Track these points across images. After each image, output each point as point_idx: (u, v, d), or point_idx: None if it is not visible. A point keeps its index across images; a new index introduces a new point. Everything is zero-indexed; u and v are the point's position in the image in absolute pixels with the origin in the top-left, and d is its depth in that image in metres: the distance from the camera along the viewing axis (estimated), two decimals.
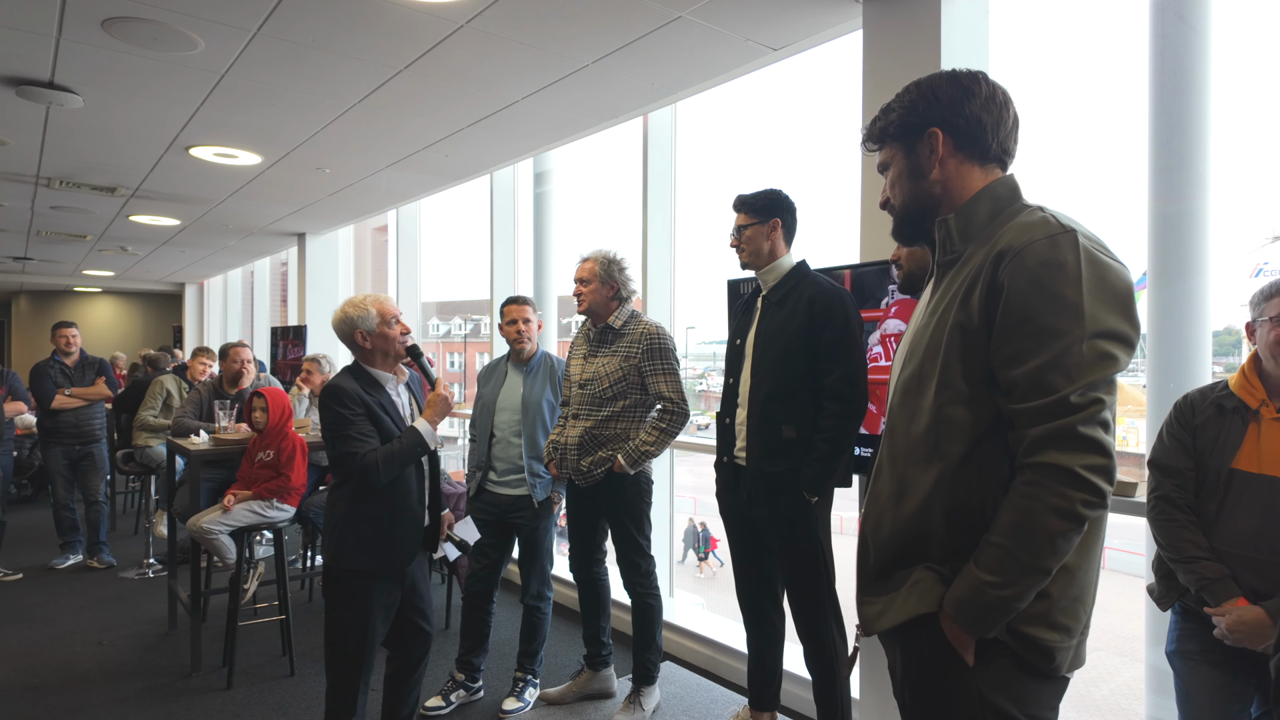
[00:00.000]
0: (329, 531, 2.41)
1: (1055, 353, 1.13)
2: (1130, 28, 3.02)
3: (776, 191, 2.56)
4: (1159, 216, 2.47)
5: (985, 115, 1.30)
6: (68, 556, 5.29)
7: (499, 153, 4.68)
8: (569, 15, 2.81)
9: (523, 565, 3.21)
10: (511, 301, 3.23)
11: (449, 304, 22.02)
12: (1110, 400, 1.15)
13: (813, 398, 2.40)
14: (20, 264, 10.06)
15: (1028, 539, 1.13)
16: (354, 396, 2.36)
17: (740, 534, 2.65)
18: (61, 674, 3.52)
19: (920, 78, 1.37)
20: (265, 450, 3.68)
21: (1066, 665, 1.22)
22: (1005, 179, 1.31)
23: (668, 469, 4.16)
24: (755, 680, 2.74)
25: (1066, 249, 1.15)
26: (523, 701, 3.13)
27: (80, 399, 5.16)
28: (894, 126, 1.36)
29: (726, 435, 2.59)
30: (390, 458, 2.35)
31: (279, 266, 11.03)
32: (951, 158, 1.31)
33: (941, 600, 1.22)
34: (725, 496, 2.65)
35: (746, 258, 2.55)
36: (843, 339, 2.37)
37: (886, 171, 1.41)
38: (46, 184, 5.39)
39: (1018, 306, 1.16)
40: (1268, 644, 1.71)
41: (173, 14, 2.79)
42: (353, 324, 2.43)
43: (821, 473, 2.35)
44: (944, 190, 1.32)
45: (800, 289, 2.46)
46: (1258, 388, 1.81)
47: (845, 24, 2.88)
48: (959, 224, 1.29)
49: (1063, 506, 1.12)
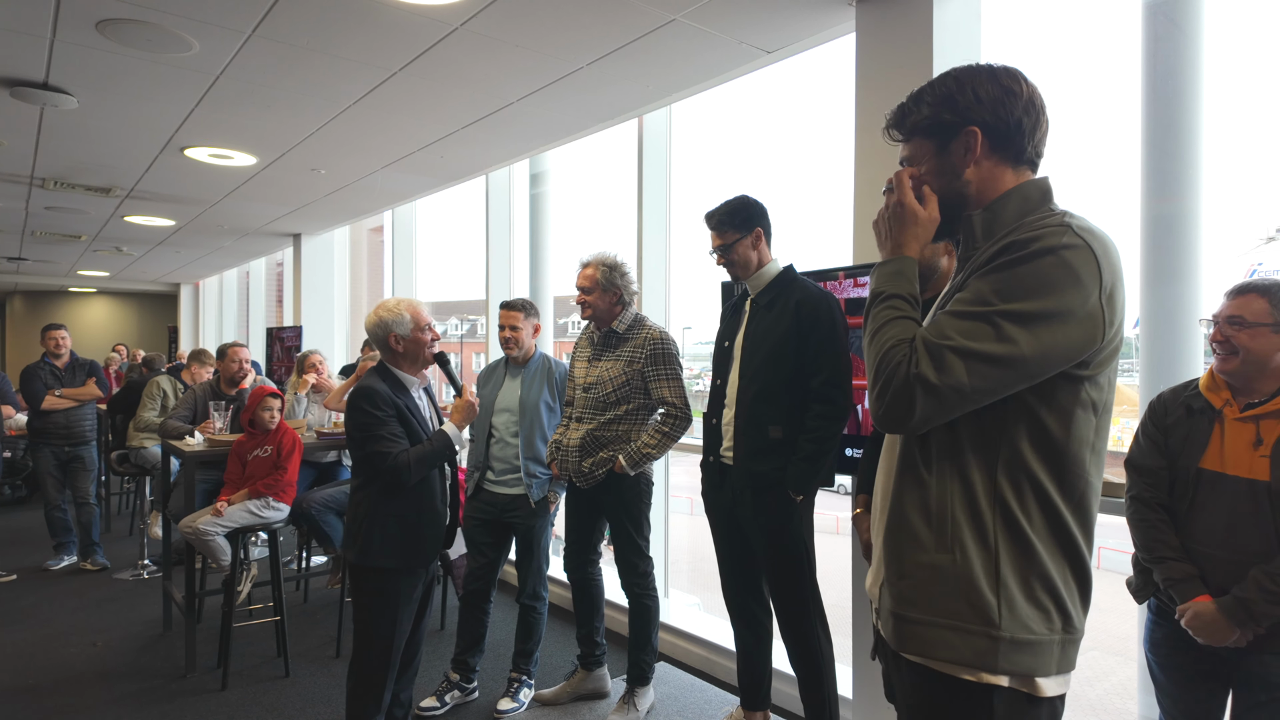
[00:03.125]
0: (354, 531, 2.47)
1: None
2: (1122, 31, 3.03)
3: (747, 199, 2.58)
4: (1151, 218, 2.49)
5: (1025, 118, 1.24)
6: (62, 558, 5.27)
7: (495, 154, 4.68)
8: (564, 18, 2.82)
9: (519, 564, 3.22)
10: (504, 306, 3.24)
11: (445, 304, 22.00)
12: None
13: (799, 399, 2.44)
14: (14, 264, 10.04)
15: None
16: (386, 398, 2.45)
17: (725, 532, 2.68)
18: (56, 675, 3.52)
19: (956, 69, 1.29)
20: (262, 448, 3.68)
21: (1054, 664, 1.19)
22: (1038, 181, 1.27)
23: (663, 470, 4.16)
24: (745, 680, 2.76)
25: (1057, 238, 1.14)
26: (517, 702, 3.14)
27: (70, 400, 5.15)
28: (927, 121, 1.28)
29: (713, 435, 2.64)
30: (422, 459, 2.45)
31: (274, 267, 11.02)
32: (987, 159, 1.26)
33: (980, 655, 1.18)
34: (711, 495, 2.69)
35: (738, 271, 2.59)
36: (829, 342, 2.42)
37: (909, 165, 1.33)
38: (41, 184, 5.38)
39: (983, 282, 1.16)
40: (1234, 639, 1.74)
41: (167, 16, 2.79)
42: (387, 327, 2.51)
43: (807, 472, 2.40)
44: (976, 191, 1.27)
45: (788, 293, 2.50)
46: (1222, 388, 1.85)
47: (838, 27, 2.89)
48: (984, 220, 1.26)
49: None
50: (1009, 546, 1.18)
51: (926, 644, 1.21)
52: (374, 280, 13.58)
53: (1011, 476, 1.19)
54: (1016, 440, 1.18)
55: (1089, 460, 1.20)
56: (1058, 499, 1.19)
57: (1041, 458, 1.18)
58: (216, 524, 3.46)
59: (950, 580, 1.20)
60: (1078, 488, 1.20)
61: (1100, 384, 1.20)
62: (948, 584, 1.20)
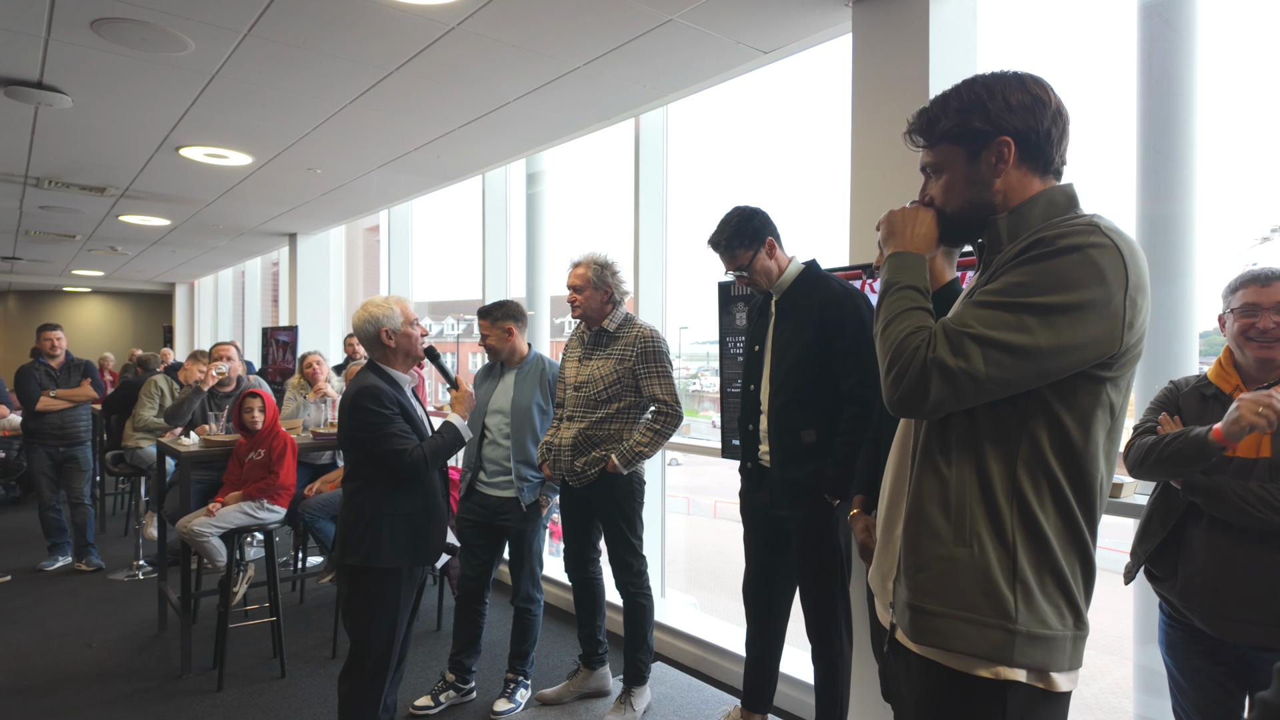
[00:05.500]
0: (355, 534, 2.41)
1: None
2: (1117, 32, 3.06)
3: (745, 211, 2.51)
4: (1147, 218, 2.49)
5: (1054, 128, 1.25)
6: (56, 558, 5.26)
7: (491, 154, 4.68)
8: (560, 18, 2.82)
9: (512, 568, 3.22)
10: (478, 313, 3.24)
11: (441, 304, 21.94)
12: None
13: (831, 401, 2.39)
14: (9, 264, 10.00)
15: None
16: (390, 397, 2.45)
17: (761, 534, 2.64)
18: (51, 676, 3.51)
19: (982, 75, 1.28)
20: (256, 450, 3.67)
21: (1066, 660, 1.21)
22: (1064, 187, 1.27)
23: (660, 470, 4.17)
24: (752, 680, 2.74)
25: (1078, 236, 1.14)
26: (514, 702, 3.14)
27: (65, 400, 5.14)
28: (956, 128, 1.27)
29: (750, 441, 2.59)
30: (436, 452, 2.48)
31: (270, 266, 10.98)
32: (1016, 169, 1.26)
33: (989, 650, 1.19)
34: (749, 497, 2.64)
35: (762, 284, 2.52)
36: (857, 343, 2.35)
37: (935, 172, 1.33)
38: (35, 184, 5.36)
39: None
40: (1249, 638, 1.74)
41: (162, 15, 2.79)
42: (378, 323, 2.48)
43: (842, 475, 2.34)
44: (1003, 200, 1.27)
45: (813, 293, 2.45)
46: (1232, 374, 1.88)
47: (835, 27, 2.89)
48: (1010, 223, 1.26)
49: None
50: (1025, 541, 1.19)
51: (943, 636, 1.22)
52: (370, 280, 13.56)
53: (1030, 473, 1.20)
54: (1037, 437, 1.19)
55: (1103, 461, 1.22)
56: (1071, 497, 1.20)
57: (1059, 456, 1.19)
58: (211, 525, 3.45)
59: (968, 573, 1.21)
60: (1091, 487, 1.21)
61: (1120, 387, 1.21)
62: (965, 577, 1.21)
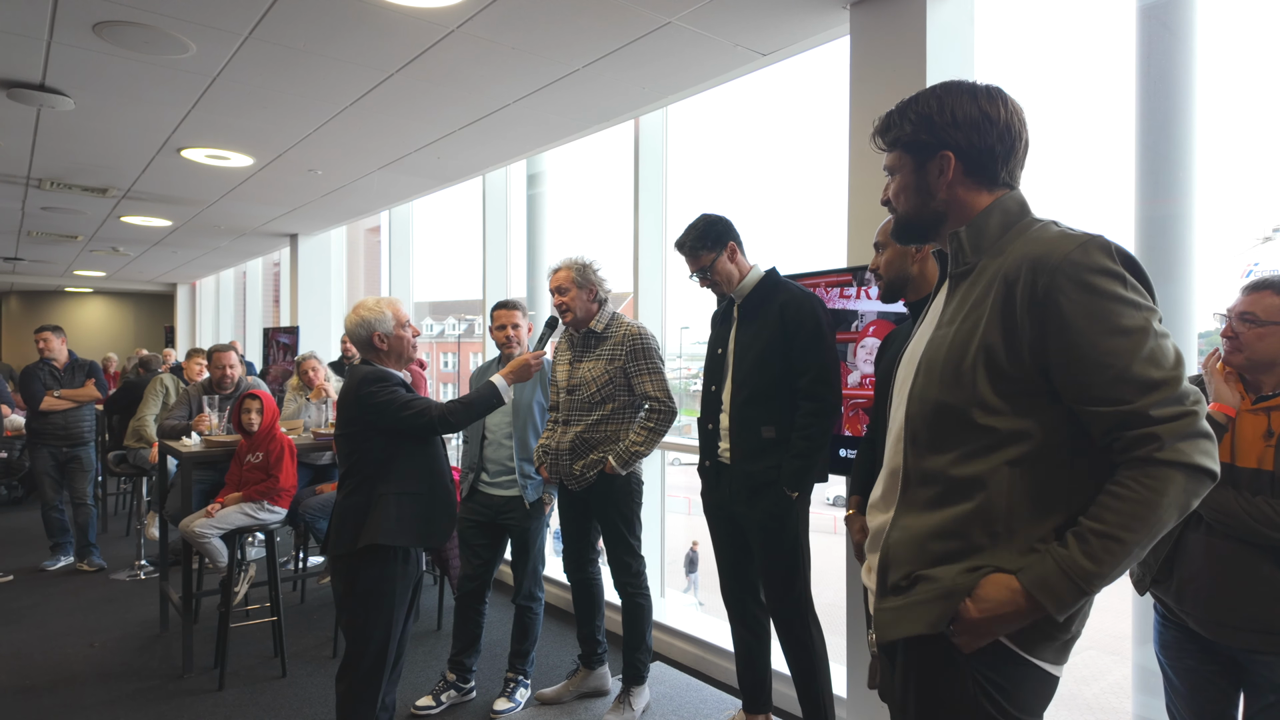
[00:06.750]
0: (356, 521, 2.39)
1: (1134, 346, 1.13)
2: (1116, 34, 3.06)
3: (710, 218, 2.63)
4: (1145, 219, 2.50)
5: (999, 145, 1.27)
6: (59, 558, 5.27)
7: (491, 155, 4.69)
8: (559, 21, 2.83)
9: (515, 566, 3.23)
10: (501, 306, 3.25)
11: (442, 304, 21.93)
12: None
13: (789, 399, 2.50)
14: (11, 264, 10.01)
15: (1146, 529, 1.10)
16: (395, 378, 2.48)
17: (724, 533, 2.71)
18: (53, 676, 3.52)
19: (941, 85, 1.32)
20: (254, 453, 3.68)
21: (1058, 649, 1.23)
22: (1014, 195, 1.30)
23: (658, 469, 4.18)
24: (747, 680, 2.77)
25: (1099, 253, 1.16)
26: (514, 702, 3.15)
27: (69, 401, 5.15)
28: (907, 137, 1.32)
29: (710, 439, 2.67)
30: (468, 405, 2.52)
31: (271, 267, 11.00)
32: (960, 183, 1.29)
33: (945, 616, 1.21)
34: (709, 496, 2.72)
35: (722, 287, 2.64)
36: (814, 340, 2.47)
37: (891, 174, 1.38)
38: (37, 185, 5.38)
39: (1076, 316, 1.14)
40: (1242, 643, 1.75)
41: (164, 18, 2.80)
42: (370, 326, 2.49)
43: (801, 469, 2.44)
44: (949, 209, 1.31)
45: (773, 296, 2.57)
46: (1235, 382, 1.86)
47: (833, 30, 2.91)
48: (970, 237, 1.28)
49: (1184, 501, 1.11)
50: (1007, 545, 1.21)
51: (906, 617, 1.25)
52: (371, 280, 13.58)
53: (1038, 472, 1.21)
54: (1053, 444, 1.20)
55: (1104, 473, 1.22)
56: (1074, 508, 1.20)
57: (1070, 466, 1.20)
58: (211, 525, 3.46)
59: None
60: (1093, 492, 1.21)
61: None
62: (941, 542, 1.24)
